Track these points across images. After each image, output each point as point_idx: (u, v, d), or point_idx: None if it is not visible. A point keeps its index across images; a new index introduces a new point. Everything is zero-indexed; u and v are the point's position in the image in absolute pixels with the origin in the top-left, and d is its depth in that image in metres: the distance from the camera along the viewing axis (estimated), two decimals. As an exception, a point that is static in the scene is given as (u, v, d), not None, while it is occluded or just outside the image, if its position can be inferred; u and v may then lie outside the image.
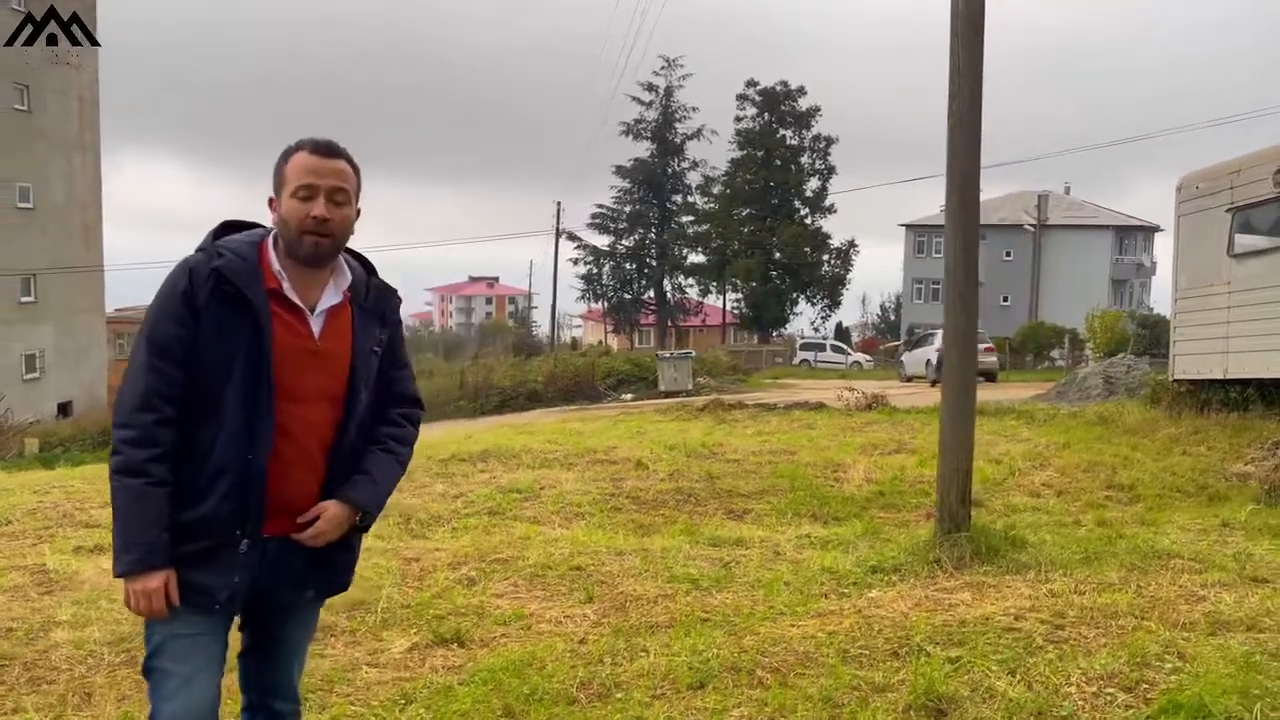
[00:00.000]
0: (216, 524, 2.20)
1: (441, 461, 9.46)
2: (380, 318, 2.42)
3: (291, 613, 2.46)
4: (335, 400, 2.32)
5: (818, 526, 6.94)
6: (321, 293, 2.33)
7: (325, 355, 2.31)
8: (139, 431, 2.16)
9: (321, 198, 2.26)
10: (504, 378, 22.74)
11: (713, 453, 9.82)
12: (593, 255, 56.47)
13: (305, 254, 2.27)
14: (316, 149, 2.30)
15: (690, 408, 15.52)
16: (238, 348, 2.20)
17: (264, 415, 2.21)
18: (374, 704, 3.55)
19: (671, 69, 55.35)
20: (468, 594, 5.06)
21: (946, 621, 3.98)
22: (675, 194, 57.57)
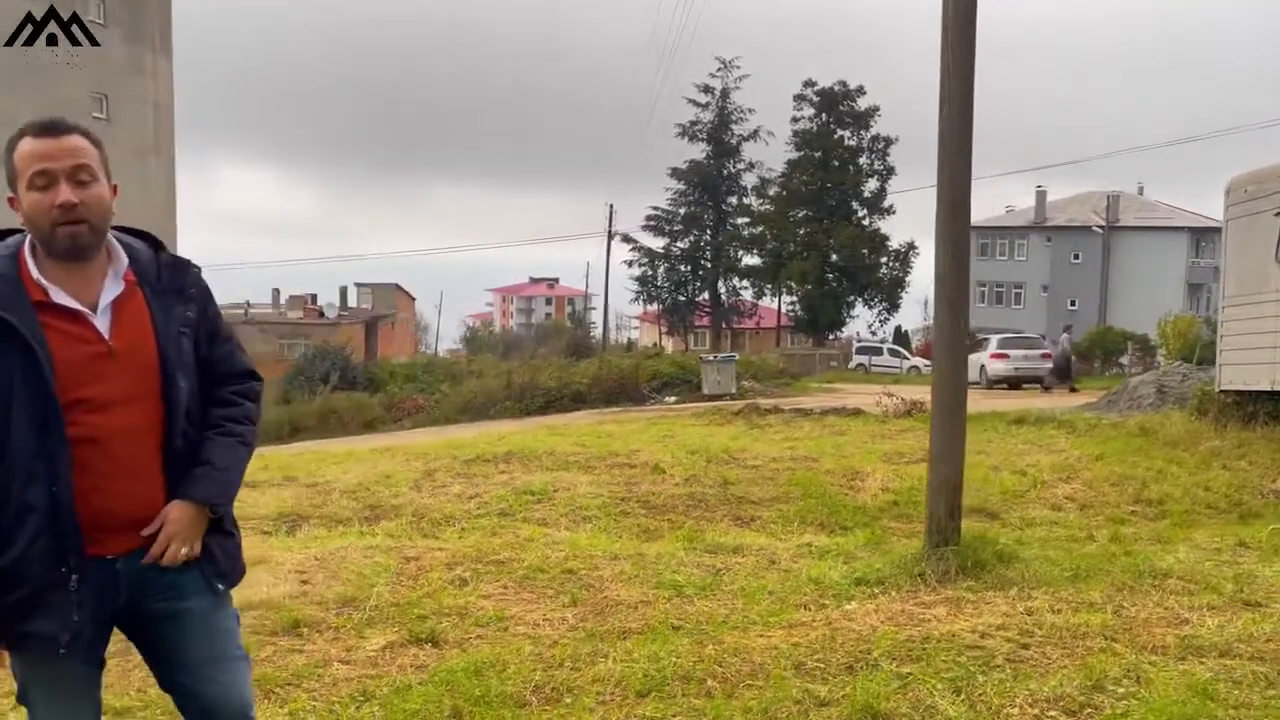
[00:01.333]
0: (34, 566, 2.00)
1: (465, 462, 9.60)
2: (180, 294, 2.19)
3: (187, 622, 2.20)
4: (151, 396, 2.11)
5: (822, 536, 6.91)
6: (99, 287, 2.09)
7: (122, 354, 2.08)
8: None
9: (62, 181, 2.02)
10: (550, 379, 22.93)
11: (733, 458, 9.81)
12: (647, 257, 56.57)
13: (63, 249, 2.04)
14: (42, 130, 2.07)
15: (725, 412, 15.51)
16: (11, 377, 1.98)
17: (56, 441, 2.00)
18: (334, 700, 3.65)
19: (728, 70, 55.22)
20: (456, 594, 5.15)
21: (911, 637, 3.95)
22: (731, 196, 57.41)
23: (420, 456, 10.12)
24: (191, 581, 2.17)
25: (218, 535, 2.20)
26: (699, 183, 55.97)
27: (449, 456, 10.00)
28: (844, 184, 53.03)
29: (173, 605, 2.17)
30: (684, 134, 55.39)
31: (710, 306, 58.10)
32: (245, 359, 2.34)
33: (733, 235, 56.51)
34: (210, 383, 2.24)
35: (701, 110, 55.38)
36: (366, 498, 8.02)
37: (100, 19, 32.09)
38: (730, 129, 55.82)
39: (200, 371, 2.21)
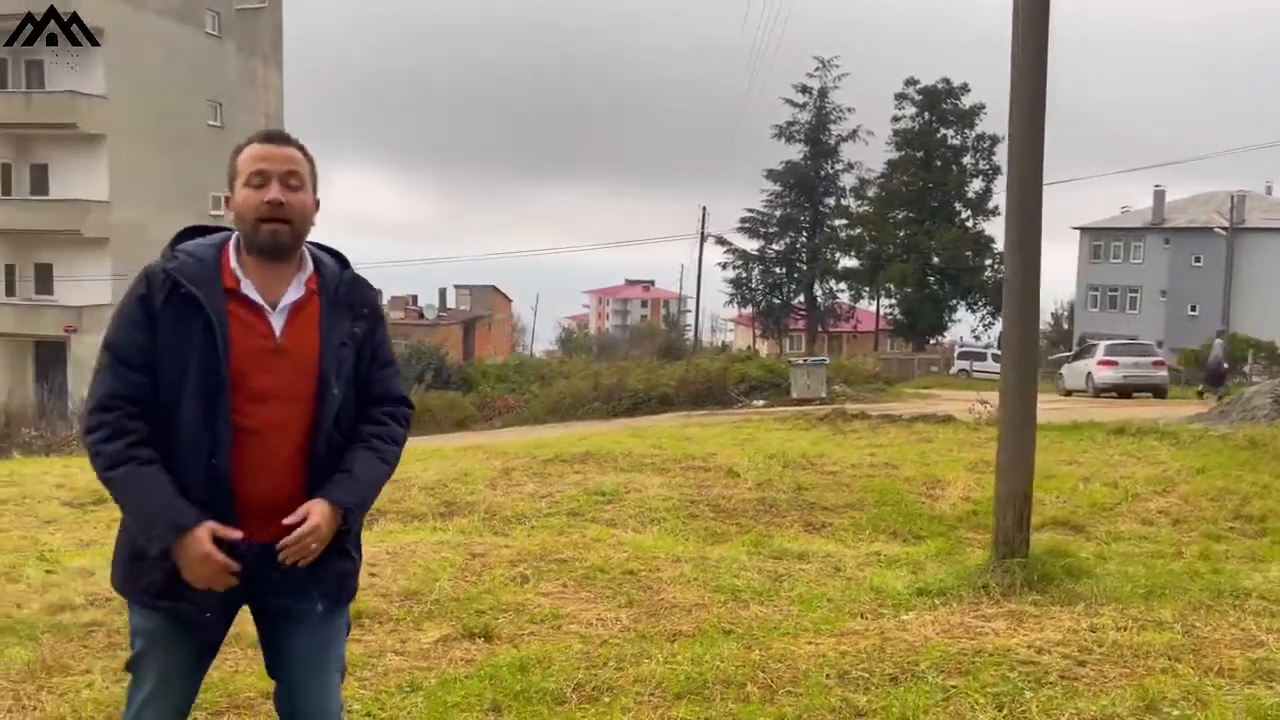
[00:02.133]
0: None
1: (542, 461, 9.71)
2: (351, 311, 2.32)
3: (298, 623, 2.32)
4: (306, 399, 2.23)
5: (894, 544, 6.78)
6: (284, 289, 2.25)
7: (288, 353, 2.22)
8: (109, 428, 2.12)
9: (275, 182, 2.20)
10: (637, 381, 23.01)
11: (811, 464, 9.69)
12: (741, 259, 56.26)
13: (263, 243, 2.20)
14: (267, 138, 2.28)
15: (810, 417, 15.31)
16: (192, 351, 2.14)
17: (223, 418, 2.14)
18: (381, 690, 3.76)
19: (826, 70, 54.56)
20: (516, 591, 5.23)
21: (963, 650, 3.85)
22: (828, 197, 56.68)
23: (500, 455, 10.29)
24: (306, 591, 2.28)
25: (337, 556, 2.29)
26: (795, 184, 55.43)
27: (528, 456, 10.14)
28: (947, 184, 51.87)
29: (289, 605, 2.30)
30: (780, 135, 54.98)
31: (806, 309, 57.49)
32: (402, 386, 2.48)
33: (830, 237, 55.81)
34: (365, 401, 2.35)
35: (798, 110, 54.88)
36: (443, 494, 8.20)
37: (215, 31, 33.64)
38: (828, 129, 55.15)
39: (358, 388, 2.33)
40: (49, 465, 10.40)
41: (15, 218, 29.19)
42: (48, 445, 14.42)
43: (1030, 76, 4.63)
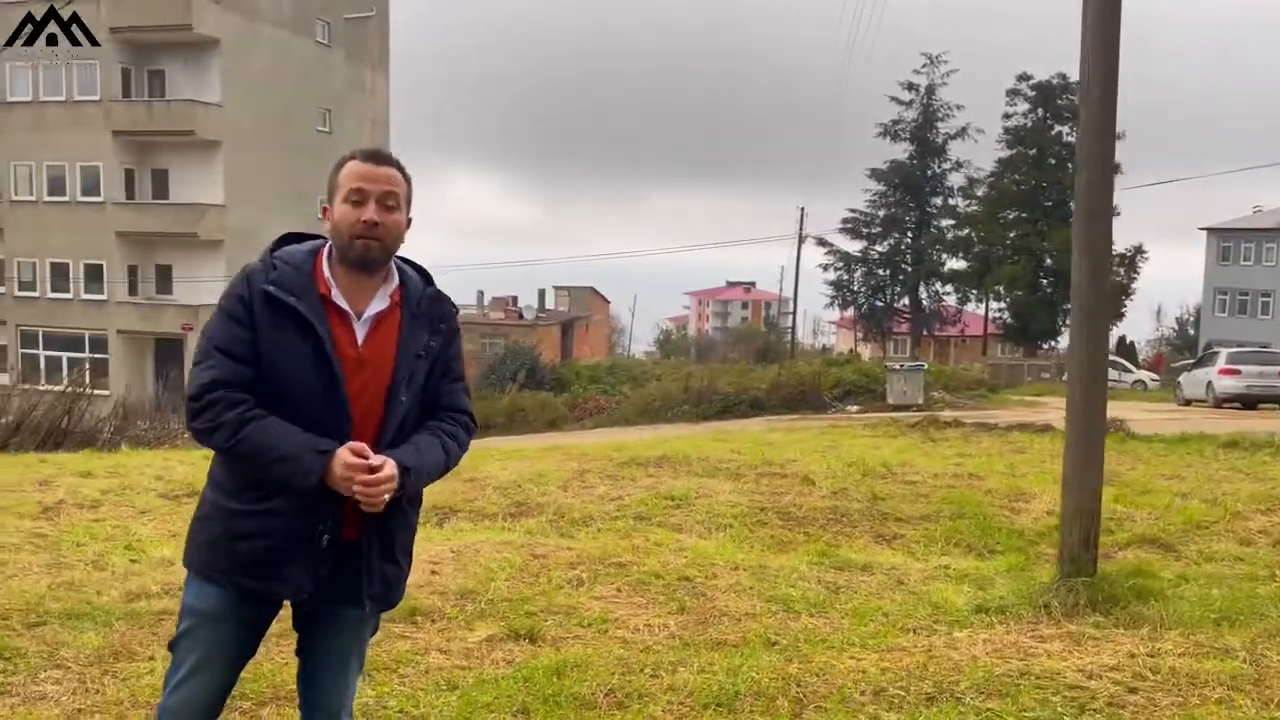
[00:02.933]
0: (300, 516, 2.27)
1: (618, 464, 9.75)
2: (430, 325, 2.43)
3: (333, 623, 2.47)
4: (378, 405, 2.34)
5: (967, 558, 6.58)
6: (370, 299, 2.36)
7: (368, 361, 2.33)
8: (220, 405, 2.22)
9: (372, 202, 2.30)
10: (728, 384, 22.88)
11: (891, 472, 9.48)
12: (843, 261, 55.39)
13: (355, 257, 2.31)
14: (368, 157, 2.37)
15: (901, 424, 14.99)
16: (301, 353, 2.26)
17: (344, 415, 2.27)
18: (419, 687, 3.83)
19: (934, 66, 53.29)
20: (570, 594, 5.26)
21: (1009, 671, 3.71)
22: (934, 196, 55.33)
23: (578, 457, 10.38)
24: (355, 592, 2.38)
25: (387, 562, 2.41)
26: (900, 183, 54.30)
27: (605, 458, 10.20)
28: (1061, 183, 49.98)
29: (341, 609, 2.43)
30: (885, 133, 53.94)
31: (910, 312, 56.27)
32: (468, 401, 2.57)
33: (936, 238, 54.48)
34: (432, 410, 2.45)
35: (904, 108, 53.74)
36: (516, 494, 8.31)
37: (325, 40, 34.87)
38: (935, 127, 53.86)
39: (426, 399, 2.43)
40: (151, 458, 10.92)
41: (138, 221, 30.85)
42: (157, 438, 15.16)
43: (1100, 67, 4.43)
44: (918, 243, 55.25)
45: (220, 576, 2.33)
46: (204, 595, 2.37)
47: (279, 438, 2.21)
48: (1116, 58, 4.45)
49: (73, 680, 3.93)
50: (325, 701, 2.54)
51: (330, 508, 2.27)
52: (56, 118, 30.66)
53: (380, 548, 2.39)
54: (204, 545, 2.36)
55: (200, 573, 2.38)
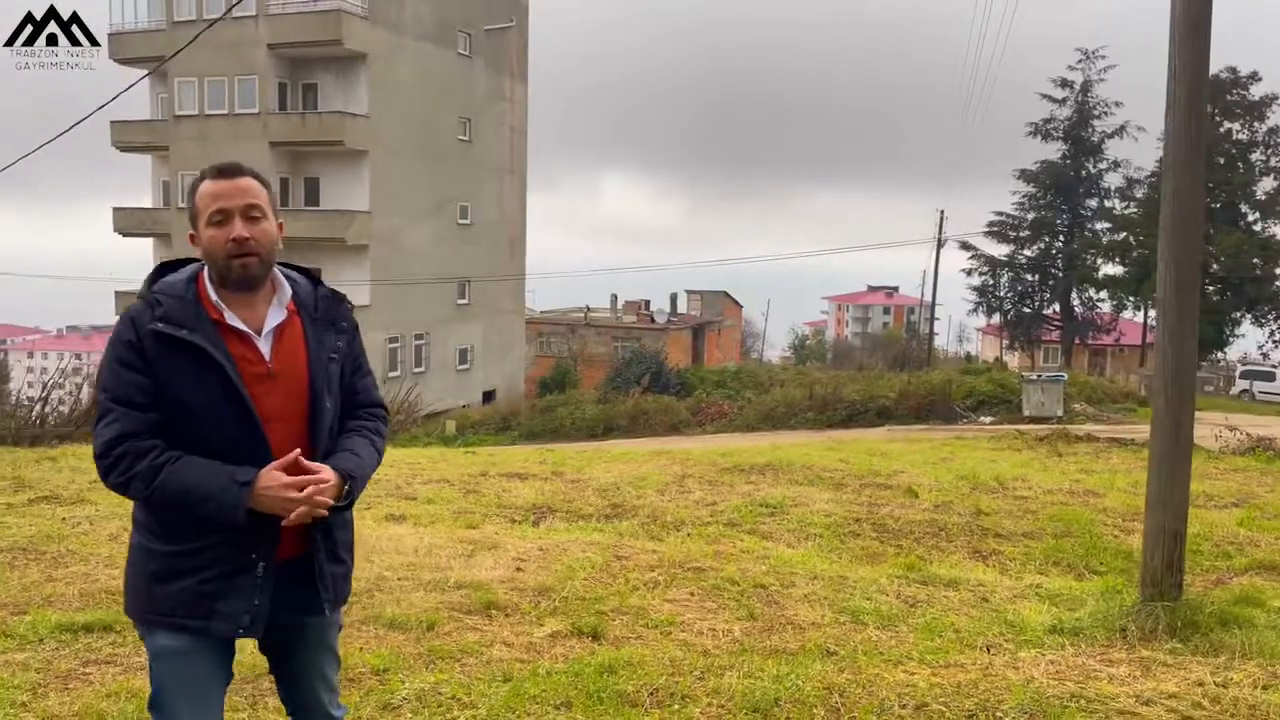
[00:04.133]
0: (232, 548, 2.24)
1: (721, 470, 9.81)
2: (333, 325, 2.42)
3: (297, 637, 2.47)
4: (300, 417, 2.32)
5: (1064, 578, 6.35)
6: (265, 314, 2.33)
7: (280, 375, 2.30)
8: (129, 457, 2.18)
9: (237, 218, 2.25)
10: (854, 392, 22.43)
11: (1003, 487, 9.19)
12: (988, 265, 53.43)
13: (236, 278, 2.27)
14: (219, 173, 2.30)
15: (1029, 436, 14.46)
16: (205, 384, 2.20)
17: (258, 439, 2.23)
18: (477, 677, 4.01)
19: (1090, 62, 50.76)
20: (644, 596, 5.35)
21: (1061, 694, 3.60)
22: (1089, 198, 52.66)
23: (682, 461, 10.48)
24: (312, 601, 2.40)
25: (334, 563, 2.43)
26: (1051, 184, 51.89)
27: (709, 463, 10.27)
28: (1231, 183, 46.76)
29: (296, 620, 2.43)
30: (1036, 132, 51.62)
31: (1060, 320, 53.77)
32: (378, 393, 2.60)
33: (1090, 241, 51.82)
34: (350, 408, 2.47)
35: (1057, 106, 51.39)
36: (614, 496, 8.48)
37: (466, 51, 36.13)
38: (1091, 125, 51.25)
39: (342, 399, 2.44)
40: (285, 450, 11.61)
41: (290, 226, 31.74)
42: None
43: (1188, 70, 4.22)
44: (1069, 247, 52.72)
45: (165, 619, 2.28)
46: (162, 644, 2.31)
47: (196, 478, 2.17)
48: (1205, 61, 4.23)
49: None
50: (315, 708, 2.58)
51: (263, 534, 2.24)
52: (219, 130, 32.86)
53: (328, 552, 2.40)
54: (142, 592, 2.31)
55: (145, 621, 2.33)
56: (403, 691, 3.83)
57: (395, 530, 6.99)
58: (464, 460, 11.13)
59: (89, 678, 3.98)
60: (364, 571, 5.67)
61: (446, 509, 7.98)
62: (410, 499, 8.41)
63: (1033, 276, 53.79)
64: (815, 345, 77.85)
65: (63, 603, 4.90)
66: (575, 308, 53.74)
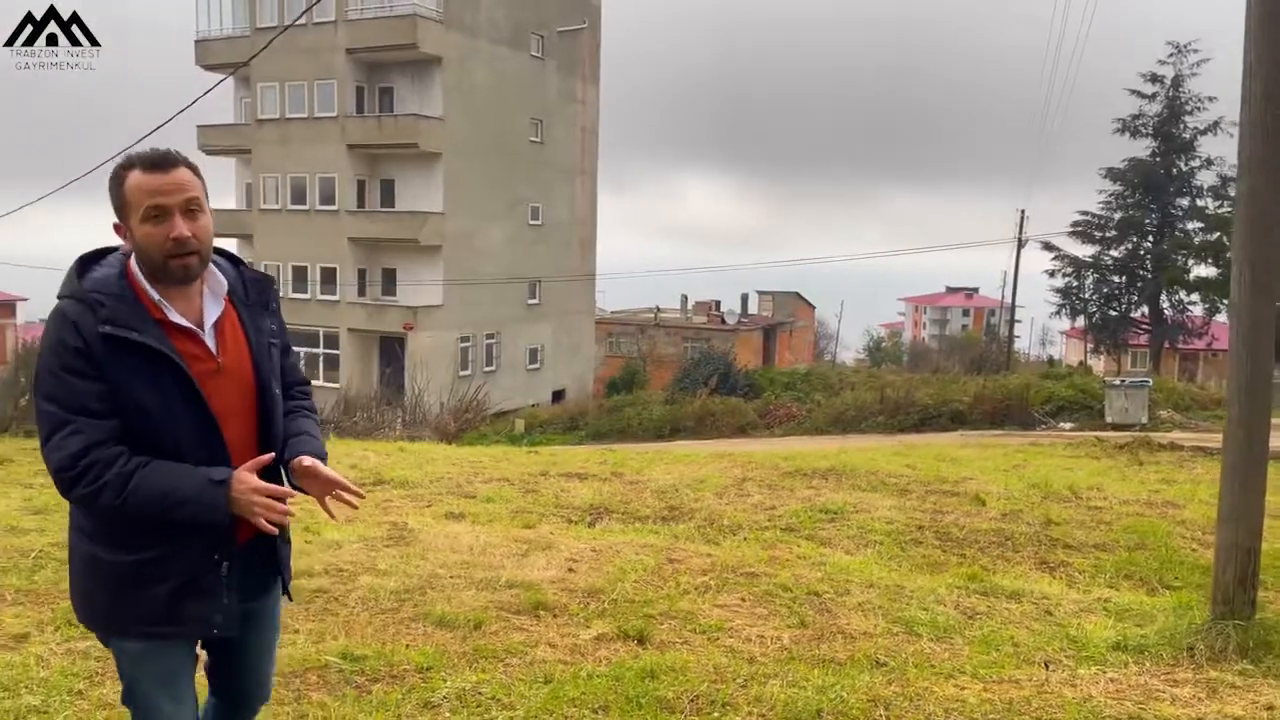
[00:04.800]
0: (193, 553, 2.20)
1: (782, 474, 9.68)
2: (264, 307, 2.36)
3: (263, 621, 2.48)
4: (250, 411, 2.28)
5: (1136, 592, 6.08)
6: (201, 304, 2.25)
7: (228, 369, 2.24)
8: (98, 466, 2.09)
9: (176, 215, 2.13)
10: (927, 395, 21.97)
11: (1076, 496, 8.88)
12: (1072, 266, 51.94)
13: (176, 277, 2.17)
14: (153, 165, 2.14)
15: (1108, 444, 13.99)
16: (160, 384, 2.13)
17: (216, 438, 2.18)
18: (517, 678, 3.99)
19: (1182, 55, 48.98)
20: (694, 600, 5.29)
21: (1118, 714, 3.45)
22: (1180, 197, 50.83)
23: (744, 464, 10.37)
24: (273, 583, 2.47)
25: (284, 544, 2.45)
26: (1140, 183, 50.20)
27: (771, 467, 10.14)
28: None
29: (258, 603, 2.43)
30: (1124, 129, 50.00)
31: (1149, 323, 52.03)
32: (301, 370, 2.60)
33: (1180, 242, 49.99)
34: (284, 389, 2.43)
35: (1146, 101, 49.69)
36: (671, 499, 8.42)
37: (539, 53, 36.44)
38: (1182, 121, 49.45)
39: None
40: (353, 447, 11.83)
41: (367, 227, 33.37)
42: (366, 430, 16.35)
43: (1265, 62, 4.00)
44: (1159, 247, 50.95)
45: (133, 629, 2.23)
46: (128, 648, 2.27)
47: (170, 482, 2.09)
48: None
49: (223, 645, 4.37)
50: (259, 688, 2.60)
51: (223, 535, 2.20)
52: (299, 133, 33.71)
53: (281, 536, 2.38)
54: (100, 605, 2.24)
55: (110, 632, 2.28)
56: (444, 690, 3.84)
57: (453, 528, 7.04)
58: (526, 459, 11.19)
59: (143, 667, 4.07)
60: (418, 568, 5.74)
61: (505, 508, 8.02)
62: (470, 497, 8.47)
63: (1120, 278, 52.15)
64: (891, 347, 76.60)
65: (125, 593, 5.03)
66: (645, 308, 53.81)
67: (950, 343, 72.58)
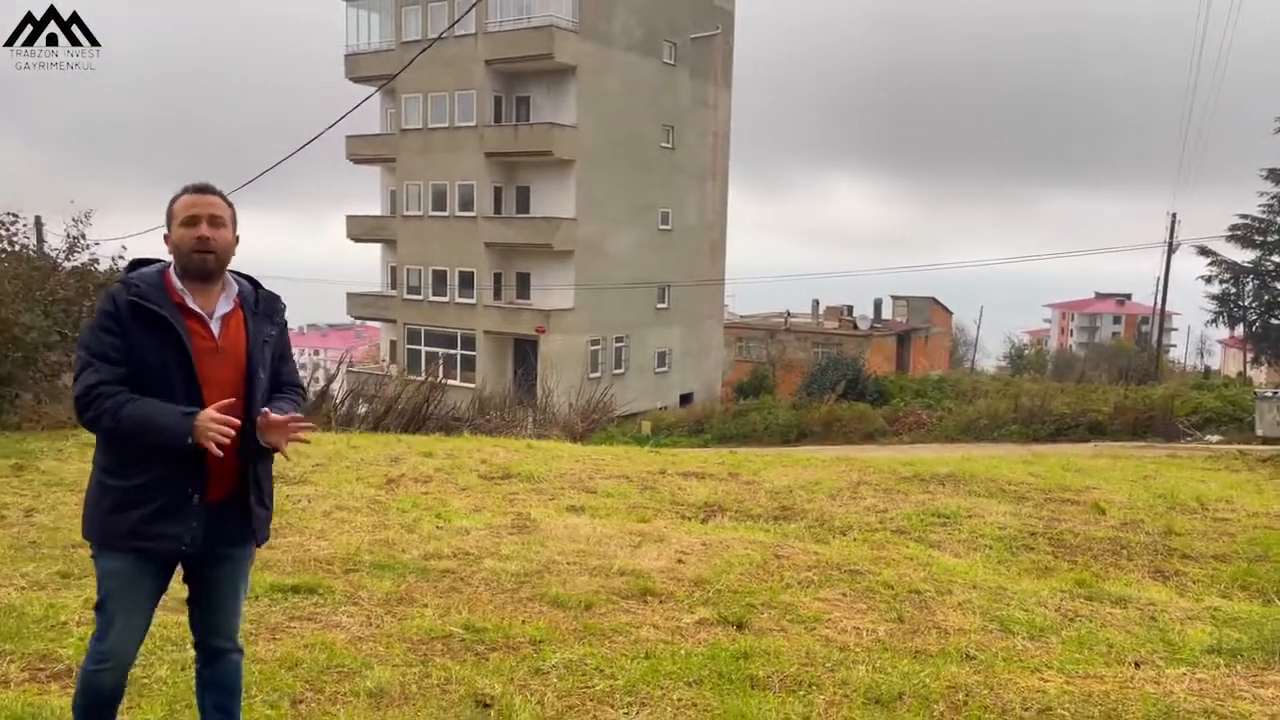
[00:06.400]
0: (171, 483, 2.82)
1: (899, 479, 9.73)
2: (269, 318, 3.03)
3: (228, 563, 3.03)
4: (240, 383, 2.91)
5: (1252, 603, 5.97)
6: (216, 303, 2.93)
7: (225, 351, 2.90)
8: (103, 398, 2.75)
9: (204, 223, 2.87)
10: (1064, 405, 21.27)
11: (1203, 508, 8.65)
12: (1230, 272, 49.06)
13: (196, 268, 2.88)
14: (195, 190, 2.93)
15: (1250, 457, 13.38)
16: (166, 352, 2.80)
17: (196, 399, 2.80)
18: (621, 651, 4.34)
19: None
20: (795, 593, 5.51)
21: (1194, 709, 3.54)
22: (1352, 197, 47.37)
23: (861, 469, 10.46)
24: (246, 536, 3.02)
25: (261, 507, 3.02)
26: (1304, 184, 47.09)
27: (888, 471, 10.20)
28: None
29: (231, 550, 3.02)
30: (1286, 128, 47.01)
31: (1314, 332, 48.65)
32: (298, 375, 3.21)
33: (1350, 246, 46.65)
34: (277, 384, 3.08)
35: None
36: (785, 499, 8.63)
37: (671, 60, 36.91)
38: (1356, 115, 46.10)
39: (272, 377, 3.04)
40: (483, 444, 12.46)
41: (503, 233, 34.54)
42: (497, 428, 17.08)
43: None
44: (1327, 251, 47.62)
45: (118, 542, 2.85)
46: (112, 562, 2.88)
47: (151, 413, 2.73)
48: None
49: (362, 615, 4.88)
50: (225, 625, 3.11)
51: (196, 472, 2.82)
52: (440, 142, 35.19)
53: (257, 497, 2.98)
54: (98, 519, 2.89)
55: (101, 543, 2.90)
56: (553, 660, 4.22)
57: (572, 520, 7.45)
58: (646, 459, 11.56)
59: (292, 630, 4.61)
60: (537, 555, 6.16)
61: (622, 503, 8.39)
62: (590, 492, 8.89)
63: (1283, 284, 48.99)
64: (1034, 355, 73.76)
65: (278, 568, 5.62)
66: (776, 313, 53.62)
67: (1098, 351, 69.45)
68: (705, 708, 3.73)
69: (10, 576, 5.37)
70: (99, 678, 2.95)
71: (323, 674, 4.04)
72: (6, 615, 4.73)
